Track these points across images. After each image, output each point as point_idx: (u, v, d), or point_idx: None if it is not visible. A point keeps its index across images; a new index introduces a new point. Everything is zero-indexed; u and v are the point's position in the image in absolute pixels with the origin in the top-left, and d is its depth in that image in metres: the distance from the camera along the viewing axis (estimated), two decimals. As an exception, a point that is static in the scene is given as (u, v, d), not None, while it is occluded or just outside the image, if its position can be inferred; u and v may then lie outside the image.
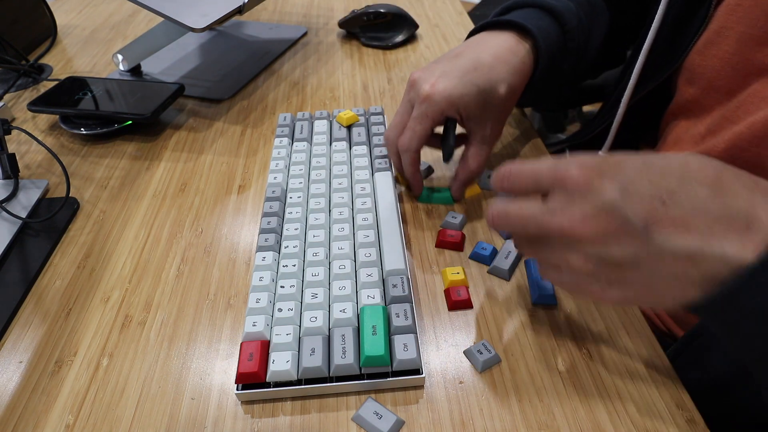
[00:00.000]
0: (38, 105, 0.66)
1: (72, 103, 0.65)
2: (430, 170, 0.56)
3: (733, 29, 0.43)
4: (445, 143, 0.50)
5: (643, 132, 0.60)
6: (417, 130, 0.47)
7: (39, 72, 0.79)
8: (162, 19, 0.66)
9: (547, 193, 0.32)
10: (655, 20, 0.48)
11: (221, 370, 0.40)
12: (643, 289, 0.30)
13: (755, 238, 0.26)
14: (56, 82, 0.69)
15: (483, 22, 0.53)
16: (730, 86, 0.44)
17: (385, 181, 0.51)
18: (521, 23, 0.49)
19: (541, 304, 0.42)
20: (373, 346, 0.36)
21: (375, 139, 0.57)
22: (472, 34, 0.54)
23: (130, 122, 0.64)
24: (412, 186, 0.52)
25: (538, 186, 0.33)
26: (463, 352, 0.40)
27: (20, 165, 0.59)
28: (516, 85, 0.48)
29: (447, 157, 0.50)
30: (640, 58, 0.50)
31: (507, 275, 0.44)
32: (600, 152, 0.58)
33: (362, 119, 0.61)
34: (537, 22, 0.50)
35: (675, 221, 0.28)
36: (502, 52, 0.48)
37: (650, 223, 0.28)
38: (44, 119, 0.69)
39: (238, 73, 0.75)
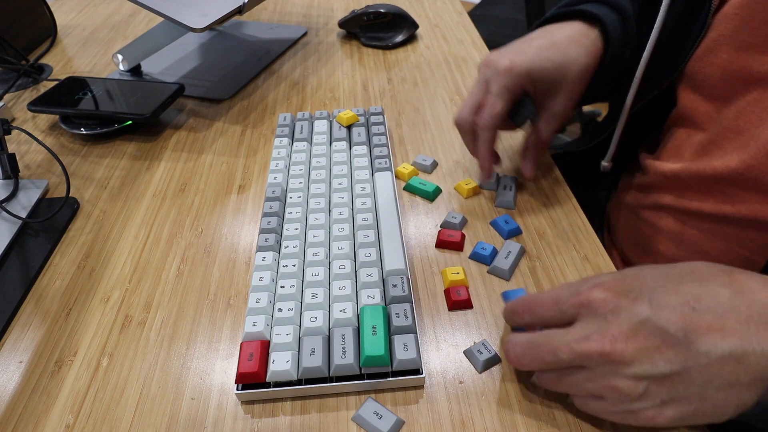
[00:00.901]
0: (38, 105, 0.66)
1: (72, 103, 0.65)
2: (434, 164, 0.57)
3: (731, 37, 0.43)
4: (523, 109, 0.49)
5: (644, 140, 0.60)
6: (497, 105, 0.46)
7: (39, 72, 0.79)
8: (162, 19, 0.66)
9: (569, 321, 0.31)
10: (655, 28, 0.48)
11: (221, 370, 0.40)
12: (699, 402, 0.29)
13: None
14: (56, 82, 0.69)
15: (546, 16, 0.53)
16: (728, 94, 0.44)
17: (385, 181, 0.51)
18: (588, 11, 0.49)
19: None
20: (373, 346, 0.36)
21: (375, 139, 0.57)
22: (536, 27, 0.53)
23: (130, 122, 0.64)
24: (484, 169, 0.50)
25: (562, 315, 0.32)
26: (463, 352, 0.40)
27: (20, 165, 0.59)
28: (589, 65, 0.48)
29: (521, 123, 0.50)
30: (640, 65, 0.50)
31: (507, 275, 0.44)
32: (603, 162, 0.57)
33: (362, 119, 0.61)
34: (601, 10, 0.50)
35: (711, 326, 0.28)
36: (575, 35, 0.49)
37: (689, 331, 0.28)
38: (44, 119, 0.69)
39: (238, 73, 0.75)
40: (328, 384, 0.37)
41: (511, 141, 0.60)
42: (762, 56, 0.41)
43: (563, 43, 0.48)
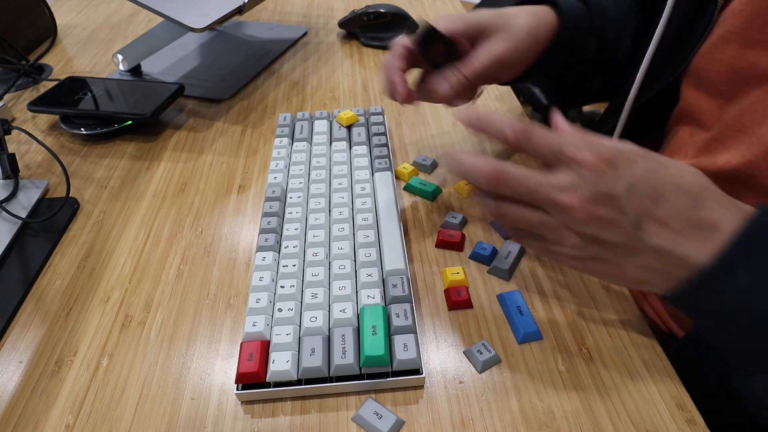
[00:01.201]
0: (38, 105, 0.66)
1: (72, 103, 0.65)
2: (434, 164, 0.57)
3: (737, 33, 0.43)
4: (445, 51, 0.47)
5: (646, 136, 0.60)
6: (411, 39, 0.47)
7: (39, 72, 0.79)
8: (162, 19, 0.66)
9: (555, 163, 0.34)
10: (660, 23, 0.48)
11: (221, 370, 0.40)
12: (613, 268, 0.35)
13: (713, 244, 0.31)
14: (56, 82, 0.69)
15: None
16: (732, 91, 0.44)
17: (385, 181, 0.51)
18: None
19: (528, 342, 0.40)
20: (373, 346, 0.36)
21: (375, 139, 0.57)
22: None
23: (130, 122, 0.64)
24: (392, 82, 0.48)
25: (554, 157, 0.34)
26: (463, 352, 0.40)
27: (20, 165, 0.59)
28: (532, 24, 0.48)
29: (433, 62, 0.48)
30: (644, 60, 0.50)
31: (507, 275, 0.44)
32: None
33: (362, 119, 0.61)
34: None
35: (657, 221, 0.32)
36: (525, 7, 0.50)
37: (642, 219, 0.32)
38: (44, 119, 0.69)
39: (238, 73, 0.75)
40: (328, 384, 0.37)
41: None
42: (767, 53, 0.41)
43: (509, 9, 0.49)
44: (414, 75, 0.50)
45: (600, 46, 0.54)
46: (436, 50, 0.47)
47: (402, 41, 0.48)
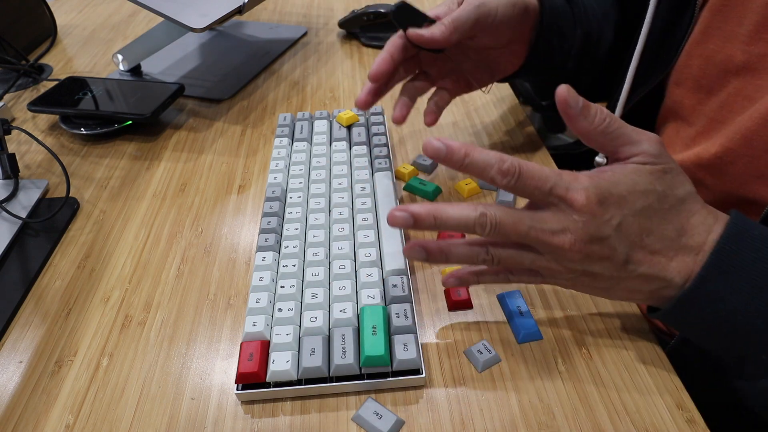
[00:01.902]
0: (38, 105, 0.66)
1: (72, 103, 0.65)
2: (434, 164, 0.57)
3: (719, 28, 0.44)
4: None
5: None
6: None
7: (39, 72, 0.79)
8: (162, 19, 0.66)
9: (544, 203, 0.34)
10: (644, 25, 0.49)
11: (221, 370, 0.40)
12: (601, 291, 0.37)
13: (696, 265, 0.33)
14: (56, 82, 0.69)
15: None
16: (711, 85, 0.45)
17: (385, 181, 0.51)
18: None
19: (528, 342, 0.40)
20: (373, 346, 0.36)
21: (375, 139, 0.57)
22: None
23: (130, 122, 0.64)
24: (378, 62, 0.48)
25: (543, 196, 0.33)
26: (463, 352, 0.40)
27: (20, 165, 0.59)
28: (514, 3, 0.48)
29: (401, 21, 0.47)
30: (632, 63, 0.50)
31: (507, 275, 0.44)
32: (597, 158, 0.58)
33: (362, 119, 0.61)
34: None
35: (648, 250, 0.34)
36: None
37: (630, 253, 0.33)
38: (44, 119, 0.69)
39: (238, 73, 0.75)
40: (328, 384, 0.37)
41: (510, 140, 0.60)
42: (745, 45, 0.42)
43: None
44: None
45: (585, 38, 0.54)
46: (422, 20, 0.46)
47: (388, 47, 0.48)
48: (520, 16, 0.50)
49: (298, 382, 0.37)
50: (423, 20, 0.46)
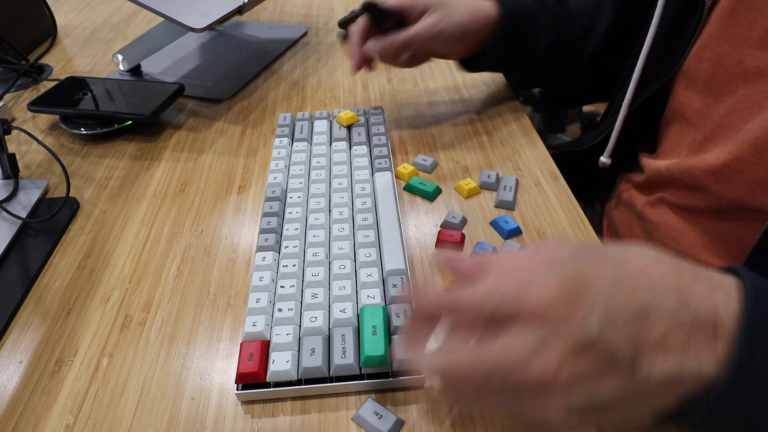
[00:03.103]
0: (38, 105, 0.66)
1: (72, 103, 0.65)
2: (434, 164, 0.57)
3: (726, 31, 0.43)
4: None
5: (643, 137, 0.60)
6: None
7: (39, 72, 0.79)
8: (162, 19, 0.66)
9: (498, 324, 0.26)
10: (651, 26, 0.48)
11: (221, 370, 0.40)
12: (619, 419, 0.26)
13: (723, 344, 0.25)
14: (56, 82, 0.69)
15: None
16: (721, 90, 0.44)
17: (385, 181, 0.51)
18: None
19: None
20: (374, 346, 0.36)
21: (375, 139, 0.57)
22: None
23: (130, 122, 0.64)
24: (353, 55, 0.57)
25: (490, 321, 0.26)
26: (463, 352, 0.39)
27: (20, 165, 0.59)
28: (468, 13, 0.54)
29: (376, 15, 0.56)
30: (638, 64, 0.50)
31: (507, 275, 0.44)
32: (602, 158, 0.58)
33: (362, 119, 0.61)
34: None
35: (656, 345, 0.24)
36: None
37: (635, 354, 0.24)
38: (44, 119, 0.69)
39: (238, 73, 0.75)
40: (328, 384, 0.37)
41: (511, 140, 0.60)
42: (755, 50, 0.41)
43: None
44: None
45: (560, 39, 0.57)
46: (386, 23, 0.55)
47: (359, 23, 0.56)
48: (476, 30, 0.55)
49: (298, 382, 0.37)
50: (389, 15, 0.55)
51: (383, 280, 0.43)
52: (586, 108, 1.55)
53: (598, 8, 0.59)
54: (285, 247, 0.45)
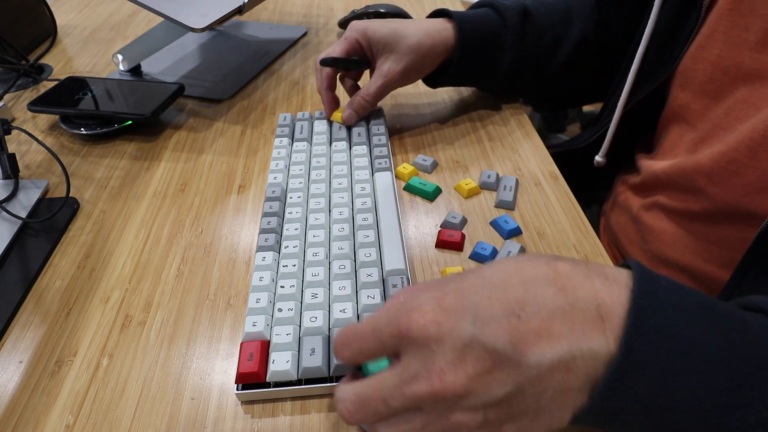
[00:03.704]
0: (38, 105, 0.66)
1: (72, 103, 0.65)
2: (434, 164, 0.57)
3: (724, 33, 0.43)
4: (355, 61, 0.59)
5: (640, 138, 0.60)
6: (333, 50, 0.58)
7: (39, 72, 0.79)
8: (162, 19, 0.66)
9: (395, 353, 0.28)
10: (648, 25, 0.48)
11: (221, 370, 0.40)
12: (535, 415, 0.27)
13: (610, 326, 0.25)
14: (56, 82, 0.69)
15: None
16: (718, 91, 0.44)
17: (385, 181, 0.51)
18: (445, 10, 0.59)
19: None
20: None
21: (375, 139, 0.57)
22: None
23: (130, 122, 0.64)
24: (324, 104, 0.60)
25: (383, 347, 0.28)
26: (463, 352, 0.39)
27: (20, 165, 0.59)
28: (426, 44, 0.56)
29: (347, 68, 0.59)
30: (634, 63, 0.50)
31: (507, 275, 0.44)
32: (596, 158, 0.58)
33: (362, 119, 0.61)
34: (468, 13, 0.58)
35: (539, 332, 0.25)
36: (424, 23, 0.58)
37: (517, 344, 0.25)
38: (44, 119, 0.69)
39: (238, 73, 0.75)
40: (328, 384, 0.37)
41: (511, 140, 0.60)
42: (753, 52, 0.41)
43: (408, 23, 0.57)
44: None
45: (521, 57, 0.59)
46: (349, 64, 0.58)
47: (329, 52, 0.58)
48: (429, 60, 0.57)
49: (298, 382, 0.37)
50: (349, 61, 0.58)
51: (383, 280, 0.43)
52: (586, 108, 1.55)
53: (568, 17, 0.60)
54: (285, 247, 0.45)
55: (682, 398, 0.25)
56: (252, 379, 0.36)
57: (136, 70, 0.77)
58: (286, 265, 0.43)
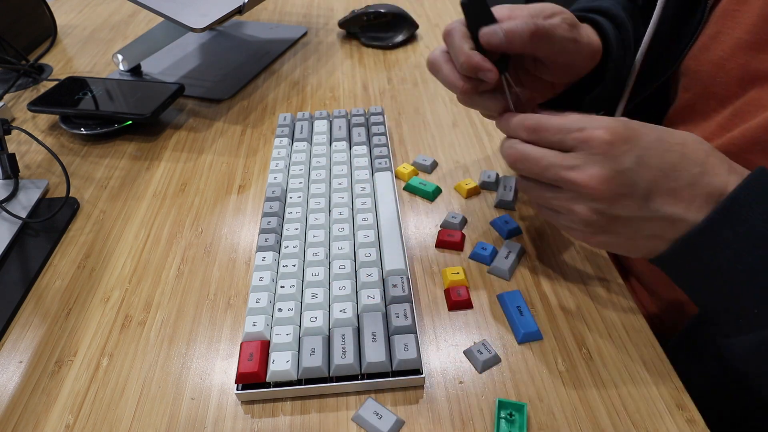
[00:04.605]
0: (38, 105, 0.66)
1: (72, 103, 0.65)
2: (434, 164, 0.57)
3: (728, 34, 0.43)
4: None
5: None
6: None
7: (39, 72, 0.79)
8: (162, 19, 0.66)
9: (567, 149, 0.35)
10: (651, 24, 0.48)
11: (221, 370, 0.40)
12: (625, 240, 0.36)
13: (714, 207, 0.33)
14: (56, 82, 0.69)
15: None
16: (726, 93, 0.44)
17: (385, 181, 0.51)
18: (593, 18, 0.47)
19: (528, 342, 0.40)
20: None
21: (375, 139, 0.57)
22: None
23: (130, 122, 0.64)
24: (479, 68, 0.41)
25: (561, 144, 0.35)
26: (463, 352, 0.40)
27: (20, 165, 0.59)
28: (580, 40, 0.43)
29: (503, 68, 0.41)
30: (636, 62, 0.50)
31: (507, 275, 0.44)
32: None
33: (362, 119, 0.61)
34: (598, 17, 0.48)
35: (671, 191, 0.33)
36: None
37: (653, 190, 0.33)
38: (44, 119, 0.69)
39: (238, 73, 0.75)
40: (328, 384, 0.37)
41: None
42: (760, 54, 0.41)
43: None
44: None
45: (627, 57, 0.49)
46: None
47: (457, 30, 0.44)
48: (582, 57, 0.45)
49: (298, 382, 0.37)
50: (490, 20, 0.42)
51: (383, 280, 0.43)
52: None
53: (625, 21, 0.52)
54: (285, 247, 0.45)
55: (742, 272, 0.32)
56: (252, 379, 0.36)
57: (136, 70, 0.77)
58: (286, 265, 0.43)
